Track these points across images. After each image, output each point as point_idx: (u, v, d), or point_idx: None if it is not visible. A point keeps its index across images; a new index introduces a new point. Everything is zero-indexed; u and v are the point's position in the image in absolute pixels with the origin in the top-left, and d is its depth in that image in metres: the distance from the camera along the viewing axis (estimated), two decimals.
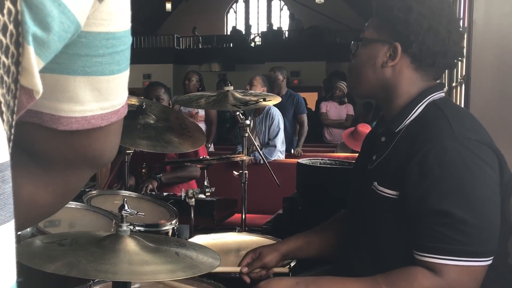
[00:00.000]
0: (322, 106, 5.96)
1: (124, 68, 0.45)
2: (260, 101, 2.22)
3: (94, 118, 0.44)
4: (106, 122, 0.46)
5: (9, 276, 0.32)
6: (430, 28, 1.20)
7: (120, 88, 0.46)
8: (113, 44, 0.42)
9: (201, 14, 16.90)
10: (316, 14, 15.37)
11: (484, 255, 1.09)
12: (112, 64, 0.43)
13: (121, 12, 0.42)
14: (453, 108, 1.27)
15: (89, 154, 0.48)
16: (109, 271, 0.96)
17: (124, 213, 1.15)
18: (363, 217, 1.31)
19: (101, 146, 0.48)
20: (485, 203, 1.10)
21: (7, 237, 0.31)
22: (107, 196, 2.14)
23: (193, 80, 4.88)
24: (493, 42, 2.10)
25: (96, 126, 0.45)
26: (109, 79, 0.43)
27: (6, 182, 0.31)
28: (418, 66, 1.25)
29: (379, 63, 1.27)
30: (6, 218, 0.31)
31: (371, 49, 1.29)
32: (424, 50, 1.21)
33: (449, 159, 1.09)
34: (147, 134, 1.99)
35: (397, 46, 1.23)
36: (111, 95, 0.45)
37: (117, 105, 0.46)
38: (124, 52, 0.44)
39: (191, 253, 1.14)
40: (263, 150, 3.91)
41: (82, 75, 0.41)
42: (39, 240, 1.11)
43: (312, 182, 2.55)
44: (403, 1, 1.22)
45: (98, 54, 0.41)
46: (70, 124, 0.43)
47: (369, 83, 1.31)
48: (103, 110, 0.45)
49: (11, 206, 0.32)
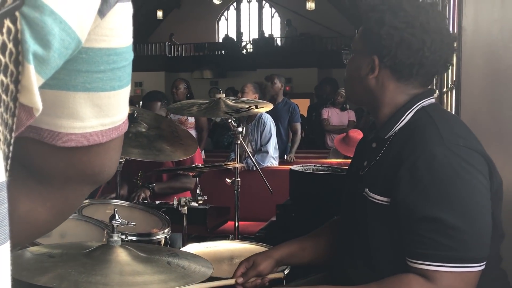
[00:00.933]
0: (323, 112, 5.94)
1: (125, 84, 0.44)
2: (252, 108, 2.22)
3: (94, 135, 0.44)
4: (107, 138, 0.45)
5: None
6: (402, 40, 1.18)
7: (121, 104, 0.45)
8: (114, 60, 0.41)
9: (193, 21, 16.92)
10: (308, 21, 15.45)
11: (476, 261, 1.09)
12: (113, 80, 0.42)
13: (123, 28, 0.41)
14: (442, 114, 1.27)
15: (89, 170, 0.47)
16: (100, 282, 0.95)
17: (115, 223, 1.14)
18: (356, 224, 1.31)
19: (101, 162, 0.47)
20: (476, 208, 1.10)
21: (2, 259, 0.31)
22: (98, 205, 2.12)
23: (181, 88, 4.91)
24: (482, 48, 2.12)
25: (96, 143, 0.44)
26: (110, 95, 0.43)
27: (1, 203, 0.31)
28: (399, 77, 1.24)
29: (362, 74, 1.28)
30: (1, 240, 0.30)
31: (356, 60, 1.32)
32: (397, 63, 1.20)
33: (438, 165, 1.09)
34: (138, 143, 1.98)
35: (375, 59, 1.24)
36: (112, 111, 0.44)
37: (117, 121, 0.45)
38: (125, 68, 0.43)
39: (183, 262, 1.13)
40: (256, 156, 3.91)
41: (82, 91, 0.41)
42: (29, 252, 1.10)
43: (305, 188, 2.55)
44: (378, 13, 1.21)
45: (99, 70, 0.40)
46: (70, 140, 0.43)
47: (358, 93, 1.35)
48: (103, 126, 0.44)
49: (7, 227, 0.31)
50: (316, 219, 2.03)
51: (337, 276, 1.37)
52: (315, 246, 1.50)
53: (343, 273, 1.33)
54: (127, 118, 0.48)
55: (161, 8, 15.84)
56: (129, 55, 0.43)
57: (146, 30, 16.50)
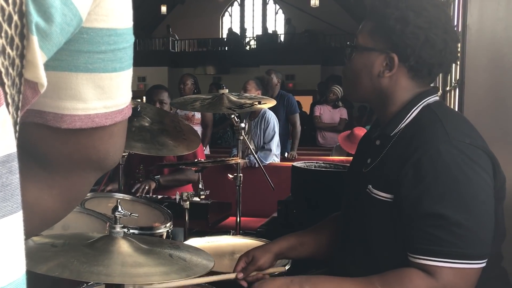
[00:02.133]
0: (315, 110, 5.96)
1: (126, 67, 0.44)
2: (255, 104, 2.22)
3: (98, 117, 0.44)
4: (110, 121, 0.45)
5: (19, 266, 0.32)
6: (426, 40, 1.18)
7: (123, 86, 0.45)
8: (115, 40, 0.42)
9: (196, 17, 16.91)
10: (311, 18, 15.42)
11: (478, 258, 1.09)
12: (114, 61, 0.42)
13: (123, 8, 0.42)
14: (447, 112, 1.27)
15: (94, 155, 0.47)
16: (102, 273, 0.96)
17: (118, 215, 1.15)
18: (358, 220, 1.31)
19: (105, 147, 0.48)
20: (479, 206, 1.10)
21: (16, 228, 0.31)
22: (101, 198, 2.13)
23: (188, 84, 4.88)
24: (486, 47, 2.12)
25: (100, 125, 0.44)
26: (112, 77, 0.43)
27: (13, 173, 0.31)
28: (414, 75, 1.24)
29: (375, 72, 1.25)
30: (13, 209, 0.31)
31: (367, 57, 1.27)
32: (420, 62, 1.20)
33: (443, 162, 1.09)
34: (141, 137, 1.98)
35: (394, 57, 1.22)
36: (114, 94, 0.44)
37: (121, 104, 0.46)
38: (126, 49, 0.43)
39: (185, 255, 1.13)
40: (259, 154, 3.91)
41: (84, 72, 0.41)
42: (32, 241, 1.11)
43: (307, 185, 2.55)
44: (399, 11, 1.19)
45: (100, 51, 0.41)
46: (73, 122, 0.43)
47: (364, 90, 1.30)
48: (106, 108, 0.44)
49: (19, 197, 0.32)
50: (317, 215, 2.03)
51: (337, 271, 1.37)
52: (315, 240, 1.51)
53: (344, 269, 1.33)
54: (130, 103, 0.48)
55: (165, 3, 15.82)
56: (129, 37, 0.43)
57: (149, 25, 16.50)
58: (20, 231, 0.32)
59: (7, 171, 0.31)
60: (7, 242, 0.31)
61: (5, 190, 0.30)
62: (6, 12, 0.30)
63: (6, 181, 0.30)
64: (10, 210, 0.31)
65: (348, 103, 6.17)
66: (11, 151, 0.31)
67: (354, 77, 1.31)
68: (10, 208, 0.31)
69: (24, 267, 0.32)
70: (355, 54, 1.30)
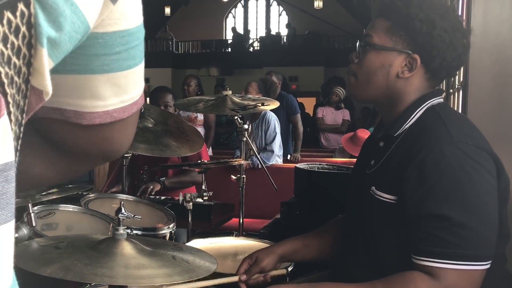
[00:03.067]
0: (318, 111, 5.95)
1: (139, 61, 0.46)
2: (259, 106, 2.22)
3: (116, 112, 0.46)
4: (128, 113, 0.48)
5: (7, 276, 0.32)
6: (451, 43, 1.19)
7: (138, 80, 0.47)
8: (128, 40, 0.43)
9: (200, 18, 16.93)
10: (315, 19, 15.42)
11: (482, 259, 1.09)
12: (128, 60, 0.44)
13: (133, 9, 0.43)
14: (451, 113, 1.27)
15: (108, 147, 0.50)
16: (105, 274, 0.96)
17: (121, 216, 1.15)
18: (361, 222, 1.31)
19: (119, 139, 0.50)
20: (483, 207, 1.10)
21: (7, 237, 0.31)
22: (104, 199, 2.14)
23: (192, 85, 4.88)
24: (490, 49, 2.11)
25: (118, 119, 0.47)
26: (127, 74, 0.45)
27: (9, 182, 0.31)
28: (431, 77, 1.25)
29: (393, 72, 1.24)
30: (7, 218, 0.31)
31: (384, 57, 1.24)
32: (444, 64, 1.21)
33: (447, 163, 1.09)
34: (145, 138, 1.99)
35: (417, 58, 1.21)
36: (130, 88, 0.47)
37: (136, 96, 0.48)
38: (138, 46, 0.45)
39: (188, 257, 1.14)
40: (261, 155, 3.91)
41: (101, 73, 0.43)
42: (35, 243, 1.11)
43: (310, 186, 2.55)
44: (424, 12, 1.19)
45: (115, 52, 0.43)
46: (93, 119, 0.45)
47: (377, 90, 1.27)
48: (123, 103, 0.46)
49: (13, 206, 0.32)
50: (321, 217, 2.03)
51: (340, 273, 1.37)
52: (319, 243, 1.51)
53: (347, 271, 1.33)
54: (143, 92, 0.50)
55: (169, 5, 15.85)
56: (140, 33, 0.45)
57: (153, 27, 16.53)
58: (11, 240, 0.32)
59: (4, 180, 0.31)
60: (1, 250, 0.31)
61: (1, 199, 0.31)
62: (13, 24, 0.31)
63: (2, 190, 0.31)
64: (4, 219, 0.31)
65: (349, 105, 6.16)
66: (9, 160, 0.31)
67: (368, 76, 1.27)
68: (5, 217, 0.31)
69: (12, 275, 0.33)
70: (370, 52, 1.26)
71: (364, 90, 1.30)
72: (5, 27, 0.30)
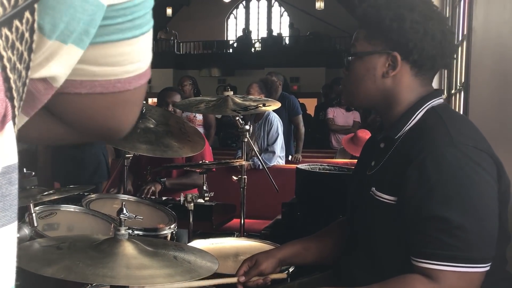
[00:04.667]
0: (329, 112, 5.91)
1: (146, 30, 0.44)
2: (260, 106, 2.23)
3: (120, 82, 0.44)
4: (135, 84, 0.45)
5: (9, 277, 0.32)
6: (426, 33, 1.20)
7: (143, 50, 0.45)
8: (132, 11, 0.42)
9: (202, 19, 16.94)
10: (316, 20, 15.43)
11: (481, 262, 1.08)
12: (132, 29, 0.42)
13: None
14: (452, 115, 1.27)
15: (109, 123, 0.48)
16: (107, 275, 0.96)
17: (123, 217, 1.15)
18: (361, 223, 1.31)
19: (122, 115, 0.48)
20: (483, 209, 1.10)
21: (10, 238, 0.32)
22: (106, 200, 2.14)
23: (186, 85, 4.91)
24: (492, 50, 2.11)
25: (121, 90, 0.45)
26: (131, 43, 0.43)
27: (12, 184, 0.32)
28: (418, 72, 1.25)
29: (379, 74, 1.26)
30: (10, 219, 0.32)
31: (367, 62, 1.28)
32: (424, 55, 1.22)
33: (447, 165, 1.09)
34: (146, 138, 1.99)
35: (396, 55, 1.23)
36: (134, 58, 0.44)
37: (142, 67, 0.46)
38: (145, 15, 0.43)
39: (189, 257, 1.14)
40: (263, 156, 3.91)
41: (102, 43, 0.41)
42: (37, 244, 1.11)
43: (311, 187, 2.55)
44: (392, 11, 1.22)
45: (116, 23, 0.41)
46: (94, 87, 0.43)
47: (369, 95, 1.30)
48: (128, 73, 0.44)
49: (16, 207, 0.32)
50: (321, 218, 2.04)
51: (341, 275, 1.37)
52: (319, 246, 1.51)
53: (348, 272, 1.33)
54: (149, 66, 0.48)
55: (171, 6, 15.86)
56: (147, 3, 0.43)
57: (155, 27, 16.47)
58: (14, 242, 0.32)
59: (7, 182, 0.31)
60: (2, 252, 0.31)
61: (4, 201, 0.31)
62: (19, 30, 0.31)
63: (5, 192, 0.31)
64: (8, 220, 0.31)
65: None
66: (12, 162, 0.32)
67: (357, 83, 1.31)
68: (9, 218, 0.31)
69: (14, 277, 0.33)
70: (355, 62, 1.30)
71: (356, 97, 1.34)
72: (14, 35, 0.31)
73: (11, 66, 0.31)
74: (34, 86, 0.38)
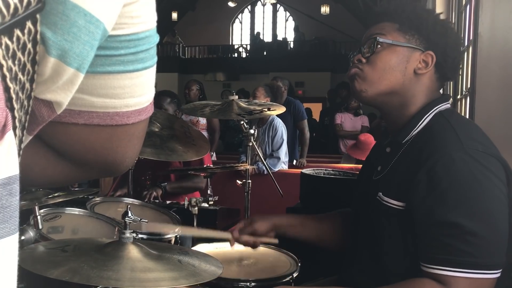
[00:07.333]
0: (337, 117, 5.87)
1: (149, 65, 0.44)
2: (265, 111, 2.22)
3: (118, 115, 0.44)
4: (132, 120, 0.45)
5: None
6: (451, 37, 1.25)
7: (145, 85, 0.44)
8: (136, 44, 0.41)
9: (207, 24, 17.01)
10: (321, 25, 15.44)
11: (493, 268, 1.07)
12: (135, 62, 0.42)
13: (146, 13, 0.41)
14: (460, 119, 1.26)
15: (109, 156, 0.47)
16: (111, 277, 0.96)
17: (128, 220, 1.15)
18: (367, 228, 1.30)
19: (123, 149, 0.47)
20: (494, 214, 1.09)
21: (11, 250, 0.31)
22: (110, 203, 2.14)
23: (193, 89, 4.91)
24: (498, 55, 2.10)
25: (119, 123, 0.44)
26: (132, 76, 0.42)
27: (13, 195, 0.31)
28: (439, 77, 1.27)
29: (410, 67, 1.24)
30: (11, 231, 0.31)
31: (401, 53, 1.24)
32: (451, 64, 1.25)
33: (457, 170, 1.08)
34: (151, 142, 2.00)
35: (433, 55, 1.23)
36: (136, 92, 0.44)
37: (143, 103, 0.45)
38: (149, 50, 0.43)
39: (194, 261, 1.14)
40: (267, 161, 3.91)
41: (101, 74, 0.41)
42: (42, 246, 1.11)
43: (315, 192, 2.54)
44: (422, 13, 1.26)
45: (119, 54, 0.40)
46: (91, 118, 0.43)
47: (391, 87, 1.24)
48: (127, 107, 0.44)
49: (17, 219, 0.32)
50: None
51: (346, 280, 1.36)
52: (318, 227, 1.52)
53: (352, 277, 1.33)
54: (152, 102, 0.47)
55: (176, 10, 15.93)
56: (152, 38, 0.42)
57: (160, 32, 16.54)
58: (15, 253, 0.32)
59: (8, 193, 0.31)
60: (2, 263, 0.31)
61: (4, 212, 0.31)
62: (21, 41, 0.31)
63: (5, 203, 0.31)
64: (7, 232, 0.31)
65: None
66: (13, 173, 0.31)
67: (383, 72, 1.24)
68: (8, 230, 0.31)
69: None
70: (384, 50, 1.25)
71: (376, 87, 1.25)
72: (14, 44, 0.30)
73: (12, 76, 0.31)
74: (38, 109, 0.37)
